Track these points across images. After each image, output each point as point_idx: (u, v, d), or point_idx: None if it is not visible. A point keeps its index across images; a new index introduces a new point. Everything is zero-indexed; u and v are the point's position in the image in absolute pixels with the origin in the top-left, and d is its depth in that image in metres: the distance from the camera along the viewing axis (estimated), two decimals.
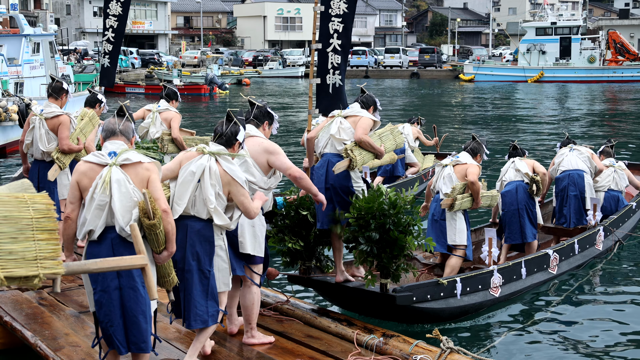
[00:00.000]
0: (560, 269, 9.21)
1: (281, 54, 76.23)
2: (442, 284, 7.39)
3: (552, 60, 62.94)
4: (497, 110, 37.67)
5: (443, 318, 7.59)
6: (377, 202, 6.56)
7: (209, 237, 5.52)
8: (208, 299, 5.53)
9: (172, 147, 10.16)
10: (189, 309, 5.51)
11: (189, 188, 5.46)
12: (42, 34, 27.23)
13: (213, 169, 5.45)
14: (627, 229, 10.77)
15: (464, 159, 8.70)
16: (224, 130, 5.66)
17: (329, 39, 8.11)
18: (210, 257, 5.54)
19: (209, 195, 5.42)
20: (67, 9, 74.74)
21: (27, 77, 24.97)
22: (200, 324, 5.53)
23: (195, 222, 5.49)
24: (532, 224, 9.47)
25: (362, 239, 6.63)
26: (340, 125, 7.21)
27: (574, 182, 10.27)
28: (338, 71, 8.19)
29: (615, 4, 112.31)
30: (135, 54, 64.12)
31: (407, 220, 6.61)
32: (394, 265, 6.73)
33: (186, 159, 5.57)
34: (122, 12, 11.39)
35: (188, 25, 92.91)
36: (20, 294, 7.17)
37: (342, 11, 8.04)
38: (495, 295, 8.07)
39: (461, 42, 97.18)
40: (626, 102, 43.22)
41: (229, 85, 53.42)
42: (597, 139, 24.03)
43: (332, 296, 7.79)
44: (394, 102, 42.67)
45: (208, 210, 5.46)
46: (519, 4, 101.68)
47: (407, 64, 74.99)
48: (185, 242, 5.46)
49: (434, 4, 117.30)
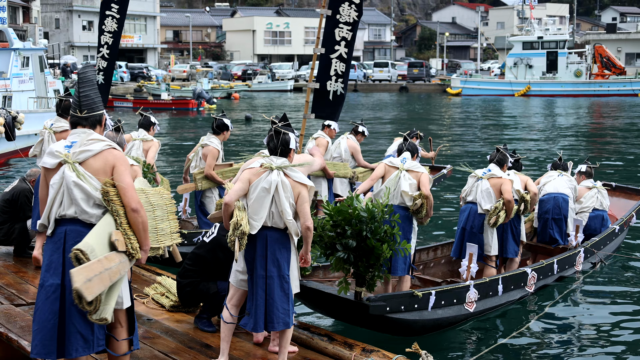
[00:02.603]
0: (537, 287, 9.30)
1: (270, 67, 76.38)
2: (416, 296, 7.44)
3: (538, 74, 63.40)
4: (484, 123, 37.90)
5: (416, 330, 7.59)
6: (353, 208, 6.66)
7: (287, 245, 5.90)
8: (289, 302, 5.87)
9: (206, 183, 10.23)
10: (271, 312, 5.81)
11: (263, 204, 5.77)
12: (32, 48, 27.28)
13: (285, 183, 5.79)
14: (609, 251, 10.88)
15: (497, 172, 9.17)
16: (277, 144, 5.95)
17: (334, 45, 8.05)
18: (288, 263, 5.91)
19: (285, 208, 5.75)
20: (56, 23, 74.73)
21: (15, 91, 25.03)
22: (283, 325, 5.84)
23: (274, 232, 5.84)
24: (515, 240, 9.56)
25: (339, 246, 6.70)
26: (410, 181, 8.20)
27: (558, 206, 10.40)
28: (342, 79, 8.18)
29: (602, 18, 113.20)
30: (124, 68, 64.14)
31: (385, 229, 6.71)
32: (370, 274, 6.83)
33: (254, 176, 5.85)
34: (117, 28, 11.34)
35: (177, 39, 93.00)
36: (13, 308, 7.23)
37: (352, 19, 8.01)
38: (470, 311, 8.11)
39: (450, 56, 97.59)
40: (611, 117, 43.55)
41: (219, 99, 53.47)
42: (581, 151, 24.24)
43: (307, 300, 7.83)
44: (383, 116, 42.82)
45: (285, 222, 5.78)
46: (507, 18, 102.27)
47: (396, 78, 75.34)
48: (265, 250, 5.82)
49: (422, 19, 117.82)
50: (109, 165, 4.78)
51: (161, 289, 7.81)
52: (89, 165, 4.77)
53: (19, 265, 8.82)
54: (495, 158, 9.33)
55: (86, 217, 4.75)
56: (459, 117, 42.87)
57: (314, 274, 8.28)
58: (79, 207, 4.72)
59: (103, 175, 4.77)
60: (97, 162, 4.78)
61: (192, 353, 6.34)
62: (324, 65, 8.12)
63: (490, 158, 9.43)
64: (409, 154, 8.53)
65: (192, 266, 7.05)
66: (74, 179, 4.70)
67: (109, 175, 4.78)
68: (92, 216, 4.75)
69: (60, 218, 4.78)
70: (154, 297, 7.73)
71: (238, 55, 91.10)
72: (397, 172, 8.31)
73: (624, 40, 77.87)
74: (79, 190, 4.70)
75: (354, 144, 12.19)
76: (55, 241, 4.77)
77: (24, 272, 8.54)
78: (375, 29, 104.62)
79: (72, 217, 4.75)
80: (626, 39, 78.26)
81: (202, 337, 6.75)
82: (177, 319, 7.22)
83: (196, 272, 7.01)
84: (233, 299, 6.14)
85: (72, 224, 4.76)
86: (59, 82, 31.02)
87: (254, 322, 5.85)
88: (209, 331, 6.86)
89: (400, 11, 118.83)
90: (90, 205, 4.74)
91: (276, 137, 5.97)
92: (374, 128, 31.62)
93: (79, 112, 4.87)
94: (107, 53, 11.36)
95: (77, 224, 4.75)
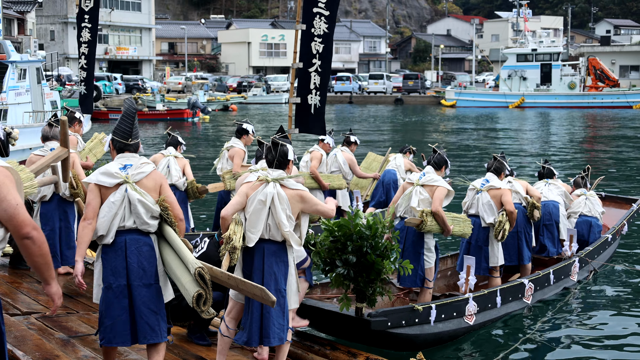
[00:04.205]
0: (534, 298, 9.34)
1: (265, 80, 76.47)
2: (417, 310, 7.46)
3: (532, 87, 63.59)
4: (478, 135, 38.01)
5: (417, 345, 7.60)
6: (354, 224, 6.65)
7: (284, 259, 5.89)
8: (285, 317, 5.87)
9: (234, 183, 10.27)
10: (267, 326, 5.79)
11: (260, 216, 5.80)
12: (29, 60, 27.12)
13: (281, 195, 5.81)
14: (602, 260, 10.94)
15: (495, 182, 9.20)
16: (275, 156, 6.01)
17: (311, 58, 8.16)
18: (286, 277, 5.90)
19: (282, 220, 5.76)
20: (51, 35, 74.79)
21: (11, 104, 24.82)
22: (278, 341, 5.85)
23: (271, 245, 5.85)
24: (528, 246, 9.75)
25: (339, 262, 6.69)
26: (420, 197, 8.26)
27: (549, 212, 10.45)
28: (318, 92, 8.27)
29: (596, 31, 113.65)
30: (119, 80, 64.12)
31: (385, 244, 6.70)
32: (370, 290, 6.82)
33: (251, 189, 5.92)
34: (90, 37, 11.58)
35: (172, 51, 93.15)
36: (9, 318, 7.25)
37: (322, 31, 8.14)
38: (470, 323, 8.13)
39: (445, 68, 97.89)
40: (605, 128, 43.68)
41: (216, 111, 53.51)
42: (574, 162, 24.32)
43: (306, 318, 7.70)
44: (378, 128, 42.91)
45: (282, 233, 5.79)
46: (502, 30, 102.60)
47: (391, 90, 75.46)
48: (262, 264, 5.82)
49: (417, 31, 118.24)
50: (158, 183, 5.57)
51: None
52: (143, 184, 5.51)
53: (13, 277, 8.83)
54: (493, 167, 9.37)
55: (145, 227, 5.46)
56: (453, 129, 42.95)
57: (312, 291, 8.17)
58: (141, 219, 5.43)
59: (153, 192, 5.52)
60: (149, 182, 5.53)
61: None
62: (303, 80, 8.25)
63: (488, 167, 9.47)
64: (431, 168, 8.54)
65: None
66: (138, 197, 5.41)
67: (157, 191, 5.54)
68: (151, 226, 5.47)
69: (120, 229, 5.44)
70: None
71: (233, 67, 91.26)
72: (411, 188, 8.41)
73: (617, 53, 78.18)
74: (141, 206, 5.41)
75: (349, 156, 12.29)
76: (117, 249, 5.44)
77: (18, 283, 8.54)
78: (370, 41, 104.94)
79: (131, 228, 5.45)
80: (620, 52, 78.58)
81: (196, 350, 6.74)
82: (172, 332, 7.21)
83: None
84: (232, 312, 6.10)
85: (131, 233, 5.45)
86: (55, 93, 30.87)
87: (247, 336, 5.83)
88: (203, 345, 6.87)
89: (395, 23, 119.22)
90: (149, 218, 5.45)
91: (274, 149, 6.01)
92: (370, 139, 31.68)
93: (129, 140, 5.63)
94: (85, 63, 11.57)
95: (136, 233, 5.46)
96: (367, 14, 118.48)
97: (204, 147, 31.19)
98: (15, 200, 3.88)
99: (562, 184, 11.00)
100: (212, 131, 40.59)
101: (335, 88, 74.44)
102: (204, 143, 33.77)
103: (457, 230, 8.66)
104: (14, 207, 3.86)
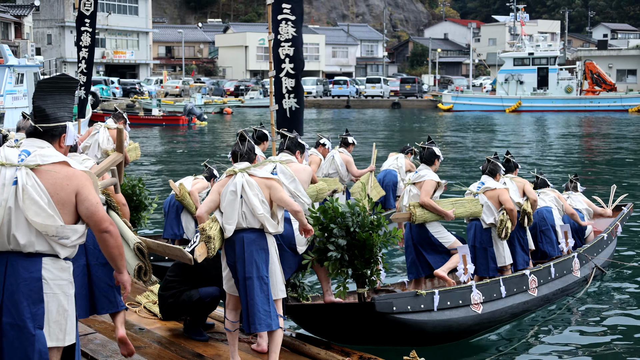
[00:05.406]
0: (540, 292, 9.29)
1: (262, 83, 76.53)
2: (420, 295, 7.44)
3: (529, 90, 63.73)
4: (475, 139, 38.09)
5: (427, 333, 7.51)
6: (333, 208, 6.80)
7: (264, 246, 6.01)
8: (270, 303, 5.94)
9: None
10: (253, 313, 5.89)
11: (234, 206, 5.95)
12: (27, 64, 27.20)
13: (250, 182, 5.99)
14: (603, 258, 10.96)
15: (490, 183, 9.25)
16: (243, 150, 6.20)
17: (281, 64, 8.36)
18: (267, 264, 6.01)
19: (255, 204, 5.91)
20: (48, 39, 74.78)
21: (8, 108, 24.92)
22: (265, 327, 5.91)
23: (250, 233, 5.97)
24: (524, 250, 9.70)
25: (331, 247, 6.73)
26: (410, 194, 8.53)
27: (543, 218, 10.48)
28: (293, 94, 8.39)
29: (593, 35, 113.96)
30: (116, 84, 64.15)
31: (371, 219, 6.79)
32: (368, 271, 6.88)
33: (221, 185, 6.10)
34: (91, 42, 11.70)
35: (170, 55, 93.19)
36: None
37: (290, 35, 8.32)
38: (478, 312, 8.07)
39: (442, 72, 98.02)
40: (602, 132, 43.76)
41: (213, 114, 53.49)
42: (570, 166, 24.38)
43: (308, 322, 7.70)
44: (376, 132, 43.00)
45: (258, 218, 5.91)
46: (499, 34, 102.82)
47: (388, 94, 75.56)
48: (243, 252, 5.93)
49: (414, 35, 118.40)
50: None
51: (153, 297, 7.82)
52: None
53: None
54: (487, 169, 9.41)
55: None
56: (449, 132, 43.05)
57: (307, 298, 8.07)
58: None
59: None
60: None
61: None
62: (277, 86, 8.46)
63: (482, 169, 9.50)
64: (424, 165, 8.70)
65: (174, 277, 7.09)
66: None
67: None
68: None
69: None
70: (146, 306, 7.76)
71: (230, 71, 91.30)
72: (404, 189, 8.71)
73: (614, 57, 78.39)
74: None
75: (347, 157, 12.33)
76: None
77: None
78: (367, 45, 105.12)
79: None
80: (617, 56, 78.80)
81: (194, 346, 6.79)
82: (169, 328, 7.26)
83: (178, 282, 7.03)
84: (229, 304, 6.24)
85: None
86: None
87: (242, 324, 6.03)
88: (201, 340, 6.93)
89: (392, 27, 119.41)
90: None
91: (242, 143, 6.22)
92: (367, 142, 31.73)
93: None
94: (84, 68, 11.69)
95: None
96: (364, 18, 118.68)
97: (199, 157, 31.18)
98: (95, 199, 4.36)
99: (555, 192, 11.05)
100: (207, 137, 40.52)
101: (333, 92, 74.53)
102: (199, 147, 33.78)
103: (462, 211, 8.75)
104: (95, 205, 4.34)
